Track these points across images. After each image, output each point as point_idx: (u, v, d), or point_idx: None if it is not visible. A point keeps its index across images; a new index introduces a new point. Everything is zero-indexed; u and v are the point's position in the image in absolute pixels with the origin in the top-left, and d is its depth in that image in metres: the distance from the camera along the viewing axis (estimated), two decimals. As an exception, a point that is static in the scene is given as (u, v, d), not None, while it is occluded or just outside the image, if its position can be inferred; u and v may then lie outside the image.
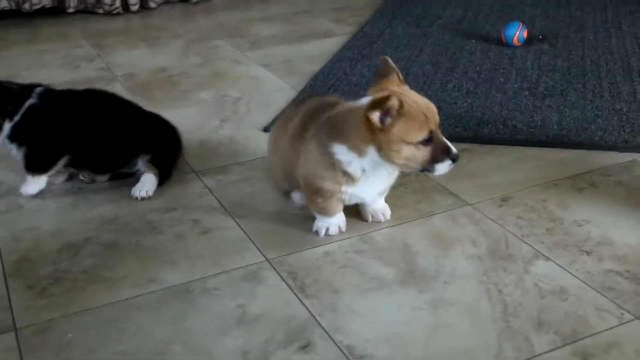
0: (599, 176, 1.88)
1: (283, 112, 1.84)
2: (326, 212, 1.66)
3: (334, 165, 1.58)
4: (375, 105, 1.48)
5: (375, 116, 1.49)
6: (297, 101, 1.78)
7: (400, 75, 1.59)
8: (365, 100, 1.54)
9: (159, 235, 1.73)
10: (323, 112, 1.65)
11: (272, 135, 1.85)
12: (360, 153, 1.55)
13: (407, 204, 1.80)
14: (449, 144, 1.54)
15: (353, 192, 1.63)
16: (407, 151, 1.52)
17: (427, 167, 1.54)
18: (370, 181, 1.61)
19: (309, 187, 1.64)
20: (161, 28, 3.47)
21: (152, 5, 3.75)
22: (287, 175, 1.74)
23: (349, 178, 1.59)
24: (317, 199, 1.64)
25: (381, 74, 1.60)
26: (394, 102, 1.47)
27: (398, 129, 1.49)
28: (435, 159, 1.53)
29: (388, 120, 1.49)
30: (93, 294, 1.52)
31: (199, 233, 1.73)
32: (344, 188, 1.61)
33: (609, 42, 2.85)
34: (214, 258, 1.62)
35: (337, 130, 1.57)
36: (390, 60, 1.61)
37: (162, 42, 3.23)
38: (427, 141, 1.51)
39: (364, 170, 1.58)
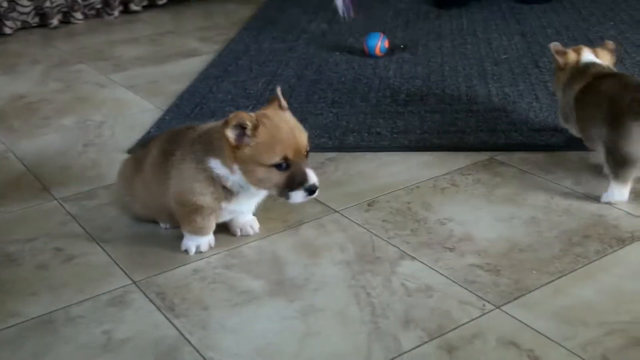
0: (459, 176, 1.95)
1: (130, 157, 1.82)
2: (202, 232, 1.64)
3: (212, 180, 1.56)
4: (228, 122, 1.48)
5: (230, 133, 1.49)
6: (141, 144, 1.76)
7: (282, 102, 1.57)
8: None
9: (18, 267, 1.65)
10: (184, 135, 1.64)
11: (123, 175, 1.81)
12: (231, 170, 1.54)
13: (275, 215, 1.80)
14: (309, 174, 1.50)
15: (233, 209, 1.62)
16: (261, 173, 1.51)
17: (282, 193, 1.52)
18: (250, 195, 1.60)
19: (186, 207, 1.60)
20: (18, 54, 3.33)
21: (8, 31, 3.59)
22: (151, 208, 1.72)
23: (228, 193, 1.58)
24: (196, 217, 1.61)
25: (268, 102, 1.60)
26: (244, 120, 1.47)
27: (251, 149, 1.49)
28: (290, 187, 1.51)
29: (245, 139, 1.49)
30: (-53, 335, 1.43)
31: (62, 261, 1.66)
32: (223, 204, 1.60)
33: (465, 48, 2.97)
34: (78, 285, 1.57)
35: (212, 146, 1.56)
36: (279, 91, 1.59)
37: (20, 69, 3.11)
38: (282, 166, 1.50)
39: (241, 186, 1.57)
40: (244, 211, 1.68)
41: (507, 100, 2.40)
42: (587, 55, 1.99)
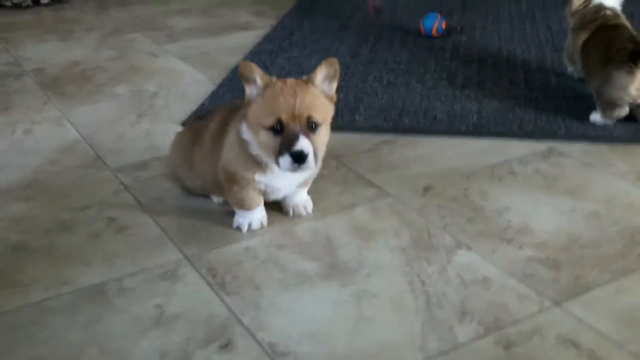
0: (517, 164, 1.90)
1: (186, 128, 1.80)
2: (244, 205, 1.62)
3: (246, 150, 1.55)
4: (242, 72, 1.49)
5: (247, 87, 1.49)
6: (198, 116, 1.75)
7: (316, 76, 1.52)
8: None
9: (72, 235, 1.65)
10: (239, 108, 1.61)
11: (178, 147, 1.78)
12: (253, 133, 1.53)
13: (328, 196, 1.78)
14: (299, 140, 1.44)
15: (268, 182, 1.59)
16: (261, 136, 1.49)
17: (275, 159, 1.48)
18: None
19: (225, 174, 1.60)
20: (74, 21, 3.35)
21: (64, -3, 3.61)
22: (208, 181, 1.70)
23: (258, 165, 1.56)
24: (233, 187, 1.60)
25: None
26: (253, 74, 1.47)
27: (256, 107, 1.49)
28: (280, 152, 1.46)
29: (256, 97, 1.50)
30: (2, 298, 1.44)
31: (115, 231, 1.66)
32: (257, 176, 1.58)
33: (524, 33, 2.89)
34: (130, 257, 1.56)
35: (242, 112, 1.55)
36: (328, 63, 1.53)
37: (75, 36, 3.12)
38: (276, 129, 1.46)
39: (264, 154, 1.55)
40: (283, 188, 1.63)
41: (567, 88, 2.33)
42: None
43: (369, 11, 3.10)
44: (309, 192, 1.72)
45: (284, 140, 1.45)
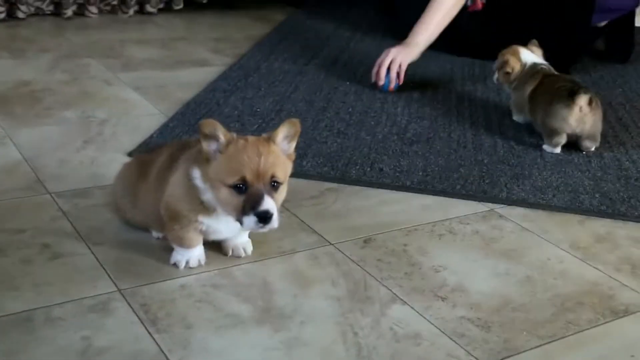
0: (458, 224, 1.93)
1: (134, 160, 1.79)
2: (184, 243, 1.61)
3: (192, 190, 1.54)
4: (202, 129, 1.47)
5: (205, 144, 1.48)
6: (150, 149, 1.74)
7: (277, 135, 1.52)
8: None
9: (4, 258, 1.61)
10: (190, 146, 1.62)
11: (123, 178, 1.77)
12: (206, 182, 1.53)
13: (269, 240, 1.77)
14: (264, 200, 1.44)
15: (210, 224, 1.58)
16: (222, 193, 1.48)
17: (237, 217, 1.48)
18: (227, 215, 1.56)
19: (168, 212, 1.59)
20: (29, 40, 3.31)
21: (21, 15, 3.57)
22: (149, 214, 1.68)
23: (204, 208, 1.55)
24: (174, 225, 1.59)
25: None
26: (216, 132, 1.46)
27: (217, 164, 1.48)
28: (243, 211, 1.46)
29: (216, 154, 1.49)
30: None
31: (48, 258, 1.63)
32: (200, 217, 1.57)
33: (474, 95, 2.97)
34: (62, 286, 1.53)
35: (198, 157, 1.54)
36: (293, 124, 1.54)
37: (28, 55, 3.09)
38: (239, 188, 1.46)
39: (214, 204, 1.54)
40: (224, 231, 1.62)
41: (512, 154, 2.39)
42: (527, 55, 2.65)
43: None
44: (251, 235, 1.72)
45: (249, 199, 1.45)
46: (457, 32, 3.19)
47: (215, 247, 1.70)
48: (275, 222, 1.47)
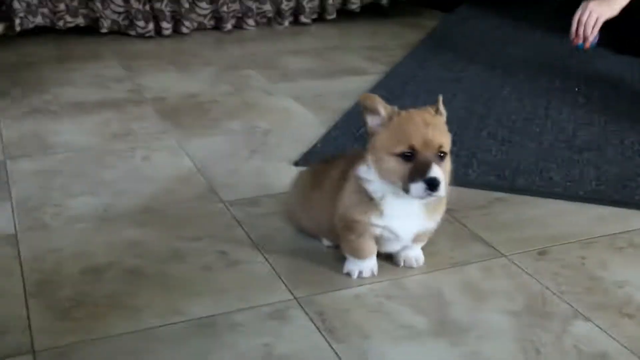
0: (639, 237, 1.83)
1: (308, 169, 1.82)
2: (359, 253, 1.61)
3: (364, 192, 1.55)
4: (363, 103, 1.50)
5: (368, 119, 1.50)
6: (325, 159, 1.77)
7: (440, 108, 1.56)
8: None
9: (184, 264, 1.68)
10: (361, 157, 1.62)
11: (298, 187, 1.80)
12: (374, 172, 1.53)
13: (440, 250, 1.75)
14: (432, 167, 1.43)
15: (384, 224, 1.57)
16: (388, 162, 1.48)
17: (404, 185, 1.47)
18: (398, 211, 1.55)
19: (343, 222, 1.59)
20: (192, 54, 3.46)
21: (185, 30, 3.74)
22: (321, 225, 1.71)
23: (374, 204, 1.55)
24: (350, 235, 1.59)
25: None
26: (376, 106, 1.49)
27: (382, 136, 1.49)
28: (411, 178, 1.45)
29: (379, 127, 1.50)
30: (114, 321, 1.47)
31: (226, 265, 1.68)
32: (373, 219, 1.56)
33: (646, 99, 2.81)
34: (240, 292, 1.57)
35: (361, 156, 1.56)
36: (440, 99, 1.57)
37: (193, 68, 3.22)
38: (407, 156, 1.45)
39: (382, 191, 1.53)
40: (399, 233, 1.59)
41: (693, 161, 2.24)
42: None
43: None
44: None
45: (417, 167, 1.44)
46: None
47: (387, 258, 1.69)
48: (442, 190, 1.45)
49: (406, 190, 1.47)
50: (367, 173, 1.54)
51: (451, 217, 1.89)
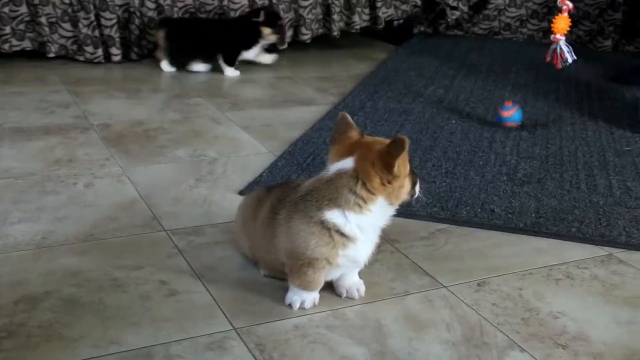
0: (575, 268, 1.87)
1: (253, 195, 1.83)
2: (312, 286, 1.61)
3: (328, 230, 1.55)
4: (397, 152, 1.52)
5: (398, 163, 1.53)
6: (266, 188, 1.79)
7: (357, 129, 1.62)
8: (344, 164, 1.54)
9: (123, 293, 1.66)
10: (287, 195, 1.64)
11: (240, 212, 1.82)
12: (361, 210, 1.54)
13: (381, 281, 1.76)
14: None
15: (349, 254, 1.58)
16: (407, 183, 1.59)
17: (411, 193, 1.61)
18: (367, 238, 1.58)
19: (299, 260, 1.58)
20: (141, 80, 3.45)
21: (134, 57, 3.73)
22: (257, 255, 1.73)
23: (346, 239, 1.56)
24: (307, 270, 1.58)
25: (340, 131, 1.62)
26: (407, 143, 1.54)
27: (402, 165, 1.55)
28: (414, 183, 1.61)
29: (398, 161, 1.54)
30: (47, 352, 1.44)
31: (166, 295, 1.66)
32: (340, 251, 1.57)
33: (585, 134, 2.88)
34: (179, 323, 1.56)
35: (325, 198, 1.55)
36: (348, 117, 1.62)
37: (142, 95, 3.21)
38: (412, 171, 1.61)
39: (359, 228, 1.55)
40: (361, 259, 1.62)
41: (629, 195, 2.30)
42: None
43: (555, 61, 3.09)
44: (362, 276, 1.71)
45: (412, 173, 1.61)
46: None
47: (326, 287, 1.69)
48: None
49: (412, 195, 1.61)
50: (341, 217, 1.54)
51: (393, 248, 1.91)
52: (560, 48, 2.89)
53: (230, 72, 3.61)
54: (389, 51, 4.26)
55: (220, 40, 3.58)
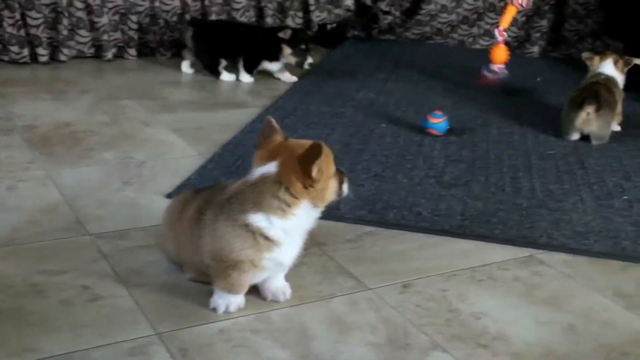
0: (497, 269, 1.91)
1: (180, 197, 1.83)
2: (237, 289, 1.61)
3: (252, 234, 1.54)
4: (313, 157, 1.52)
5: (316, 168, 1.53)
6: (194, 190, 1.79)
7: (282, 133, 1.63)
8: (268, 169, 1.55)
9: (44, 299, 1.62)
10: (214, 196, 1.63)
11: (168, 215, 1.81)
12: (285, 214, 1.54)
13: (307, 284, 1.76)
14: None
15: (275, 256, 1.58)
16: (332, 184, 1.59)
17: (339, 192, 1.62)
18: (293, 241, 1.59)
19: (223, 263, 1.58)
20: (70, 82, 3.38)
21: (63, 58, 3.65)
22: (183, 258, 1.72)
23: (271, 242, 1.55)
24: (232, 273, 1.58)
25: (265, 135, 1.63)
26: (323, 149, 1.54)
27: (325, 168, 1.56)
28: (341, 182, 1.62)
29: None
30: (-37, 360, 1.40)
31: (88, 300, 1.63)
32: (266, 254, 1.57)
33: (511, 138, 2.95)
34: (101, 328, 1.53)
35: (249, 202, 1.55)
36: (273, 121, 1.64)
37: (69, 97, 3.14)
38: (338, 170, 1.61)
39: (284, 232, 1.55)
40: (286, 262, 1.62)
41: (551, 198, 2.36)
42: None
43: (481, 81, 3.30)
44: (288, 278, 1.71)
45: (339, 172, 1.63)
46: None
47: (251, 291, 1.69)
48: None
49: (340, 194, 1.62)
50: (265, 221, 1.54)
51: (320, 251, 1.92)
52: (499, 77, 3.12)
53: (245, 78, 3.57)
54: (322, 55, 4.27)
55: (244, 45, 3.54)
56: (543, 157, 2.73)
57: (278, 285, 1.69)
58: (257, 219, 1.54)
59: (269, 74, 3.69)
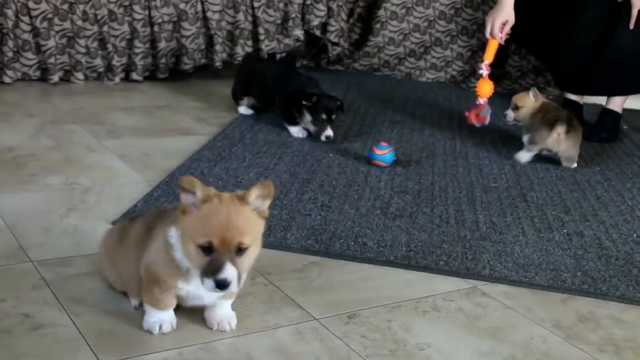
0: (441, 300, 1.94)
1: (117, 226, 1.83)
2: (159, 304, 1.61)
3: (171, 255, 1.55)
4: (181, 183, 1.49)
5: (183, 196, 1.50)
6: (131, 218, 1.79)
7: (249, 195, 1.55)
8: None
9: (-18, 328, 1.59)
10: (168, 215, 1.63)
11: (106, 243, 1.80)
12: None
13: (253, 314, 1.76)
14: (225, 268, 1.46)
15: (190, 290, 1.58)
16: (192, 249, 1.50)
17: (200, 275, 1.50)
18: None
19: (148, 275, 1.59)
20: (13, 105, 3.32)
21: (7, 80, 3.59)
22: (127, 282, 1.72)
23: (182, 272, 1.55)
24: (154, 288, 1.59)
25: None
26: (194, 188, 1.48)
27: (190, 220, 1.50)
28: (205, 273, 1.48)
29: (192, 208, 1.50)
30: None
31: (29, 329, 1.60)
32: (179, 284, 1.57)
33: (456, 170, 3.00)
34: (42, 358, 1.50)
35: (173, 217, 1.56)
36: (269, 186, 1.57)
37: (13, 120, 3.09)
38: (205, 250, 1.48)
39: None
40: (204, 297, 1.61)
41: (494, 230, 2.41)
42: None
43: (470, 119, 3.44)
44: (234, 308, 1.71)
45: (211, 264, 1.47)
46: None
47: (197, 320, 1.68)
48: (233, 287, 1.48)
49: (201, 280, 1.49)
50: (177, 239, 1.55)
51: (266, 281, 1.92)
52: (482, 111, 3.25)
53: (295, 131, 3.26)
54: (271, 83, 4.29)
55: (274, 94, 3.37)
56: (486, 190, 2.79)
57: (223, 314, 1.69)
58: (172, 234, 1.55)
59: (220, 100, 3.69)
